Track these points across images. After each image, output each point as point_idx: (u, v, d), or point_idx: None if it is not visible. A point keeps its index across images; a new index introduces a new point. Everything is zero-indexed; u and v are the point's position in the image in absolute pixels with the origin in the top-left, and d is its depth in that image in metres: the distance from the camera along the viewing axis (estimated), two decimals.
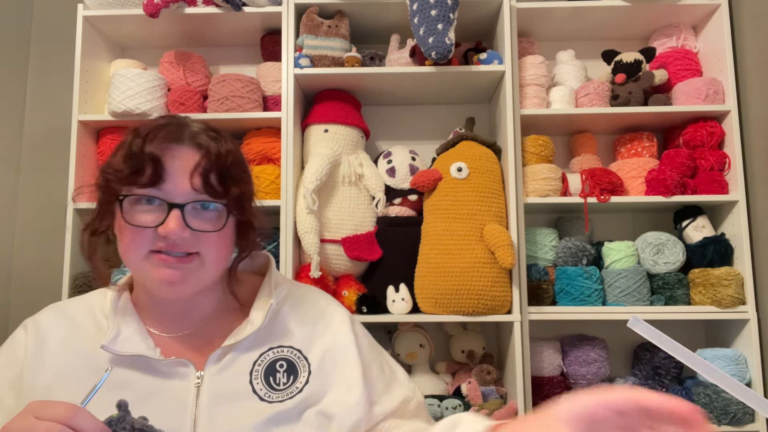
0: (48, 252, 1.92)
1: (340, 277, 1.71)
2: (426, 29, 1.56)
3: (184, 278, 0.71)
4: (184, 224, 0.70)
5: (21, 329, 0.79)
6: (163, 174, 0.69)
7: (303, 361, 0.77)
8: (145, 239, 0.70)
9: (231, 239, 0.77)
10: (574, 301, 1.64)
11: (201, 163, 0.71)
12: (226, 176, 0.73)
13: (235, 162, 0.75)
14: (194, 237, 0.71)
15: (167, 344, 0.77)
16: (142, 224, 0.70)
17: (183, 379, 0.73)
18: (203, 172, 0.71)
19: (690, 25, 1.87)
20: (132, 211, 0.71)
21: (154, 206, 0.70)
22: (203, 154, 0.72)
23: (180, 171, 0.70)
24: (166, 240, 0.70)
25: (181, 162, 0.71)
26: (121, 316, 0.77)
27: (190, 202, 0.70)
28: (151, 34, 1.90)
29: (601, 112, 1.73)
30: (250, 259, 0.86)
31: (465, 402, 1.60)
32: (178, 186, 0.70)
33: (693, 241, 1.71)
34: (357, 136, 1.78)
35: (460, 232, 1.57)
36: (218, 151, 0.72)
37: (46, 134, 2.00)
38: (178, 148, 0.72)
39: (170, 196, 0.70)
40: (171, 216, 0.69)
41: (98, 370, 0.72)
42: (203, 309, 0.80)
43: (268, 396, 0.73)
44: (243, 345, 0.76)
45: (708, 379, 0.55)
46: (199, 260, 0.72)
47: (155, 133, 0.71)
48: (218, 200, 0.72)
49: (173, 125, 0.73)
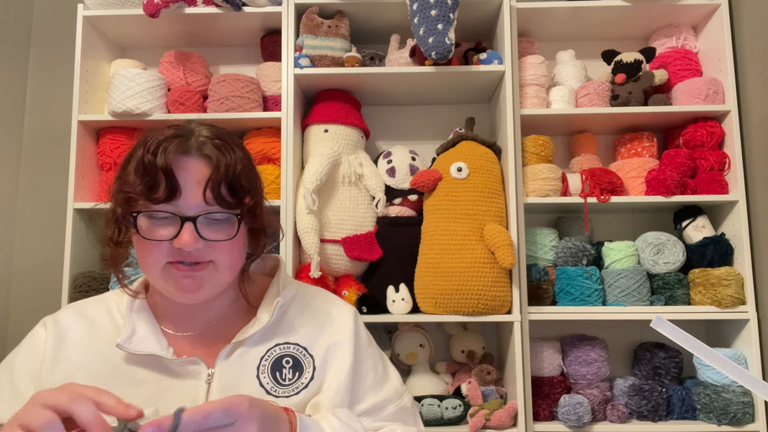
0: (48, 252, 1.92)
1: (340, 277, 1.71)
2: (426, 29, 1.56)
3: (200, 285, 0.74)
4: (198, 236, 0.72)
5: (41, 326, 0.81)
6: (177, 188, 0.71)
7: (308, 358, 0.80)
8: (162, 252, 0.73)
9: (243, 243, 0.79)
10: (574, 301, 1.64)
11: (211, 176, 0.72)
12: (236, 187, 0.74)
13: (244, 170, 0.76)
14: (208, 246, 0.73)
15: (180, 343, 0.80)
16: (157, 238, 0.72)
17: (194, 377, 0.76)
18: (213, 186, 0.72)
19: (690, 25, 1.87)
20: (147, 226, 0.73)
21: (167, 220, 0.72)
22: (213, 167, 0.73)
23: (191, 184, 0.72)
24: (180, 252, 0.72)
25: (191, 175, 0.72)
26: (137, 315, 0.80)
27: (202, 215, 0.72)
28: (151, 34, 1.90)
29: (601, 112, 1.73)
30: (261, 261, 0.90)
31: (465, 402, 1.60)
32: (190, 200, 0.72)
33: (693, 241, 1.71)
34: (357, 136, 1.78)
35: (460, 232, 1.57)
36: (227, 162, 0.74)
37: (46, 134, 2.00)
38: (187, 161, 0.73)
39: (183, 210, 0.72)
40: (184, 229, 0.71)
41: (114, 367, 0.76)
42: (216, 309, 0.83)
43: (274, 390, 0.76)
44: (251, 341, 0.79)
45: (737, 382, 0.55)
46: (213, 267, 0.75)
47: (165, 145, 0.72)
48: (230, 211, 0.74)
49: (181, 136, 0.74)
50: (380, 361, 0.88)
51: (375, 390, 0.83)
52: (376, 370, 0.85)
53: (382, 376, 0.86)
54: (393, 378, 0.87)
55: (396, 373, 0.89)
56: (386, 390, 0.84)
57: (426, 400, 1.57)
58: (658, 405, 1.60)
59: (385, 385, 0.85)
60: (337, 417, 0.74)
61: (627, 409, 1.61)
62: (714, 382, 1.57)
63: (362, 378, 0.82)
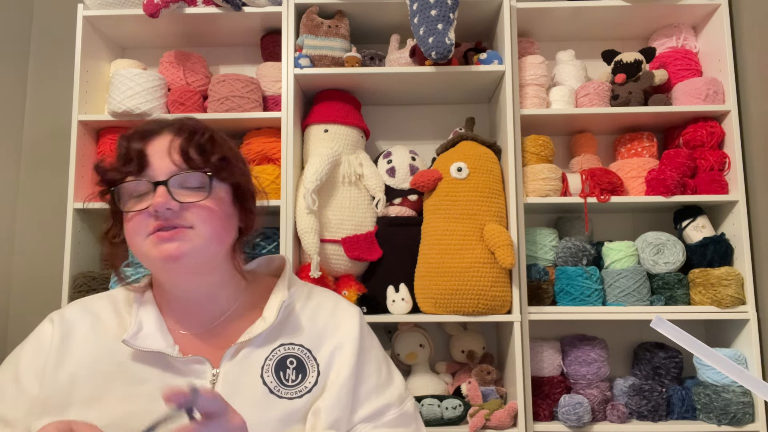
0: (48, 252, 1.92)
1: (340, 277, 1.71)
2: (426, 29, 1.56)
3: (181, 251, 0.74)
4: (170, 197, 0.73)
5: (47, 322, 0.81)
6: (146, 159, 0.75)
7: (312, 362, 0.80)
8: (142, 224, 0.74)
9: (226, 213, 0.79)
10: (574, 301, 1.64)
11: (176, 139, 0.76)
12: (203, 147, 0.77)
13: (213, 135, 0.79)
14: (185, 210, 0.74)
15: (186, 341, 0.80)
16: (135, 209, 0.75)
17: (199, 376, 0.76)
18: (180, 147, 0.76)
19: (690, 25, 1.87)
20: (127, 203, 0.76)
21: (146, 195, 0.75)
22: (178, 132, 0.77)
23: (160, 153, 0.76)
24: (157, 217, 0.73)
25: (160, 146, 0.76)
26: (143, 312, 0.80)
27: (172, 176, 0.74)
28: (151, 34, 1.90)
29: (601, 112, 1.73)
30: (267, 261, 0.91)
31: (465, 402, 1.60)
32: (160, 167, 0.75)
33: (693, 241, 1.71)
34: (357, 136, 1.78)
35: (460, 232, 1.57)
36: (194, 129, 0.78)
37: (46, 134, 2.00)
38: (157, 137, 0.77)
39: (154, 176, 0.75)
40: (157, 192, 0.73)
41: (118, 365, 0.76)
42: (221, 305, 0.83)
43: (277, 390, 0.76)
44: (256, 341, 0.79)
45: (737, 382, 0.54)
46: (193, 233, 0.75)
47: (139, 129, 0.78)
48: (200, 170, 0.76)
49: (154, 121, 0.80)
50: (384, 364, 0.86)
51: (377, 394, 0.82)
52: (378, 374, 0.84)
53: (384, 380, 0.84)
54: (396, 382, 0.86)
55: (400, 378, 0.88)
56: (388, 394, 0.83)
57: (426, 400, 1.57)
58: (658, 405, 1.60)
59: (387, 389, 0.83)
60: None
61: (627, 409, 1.61)
62: (714, 382, 1.57)
63: (364, 382, 0.81)
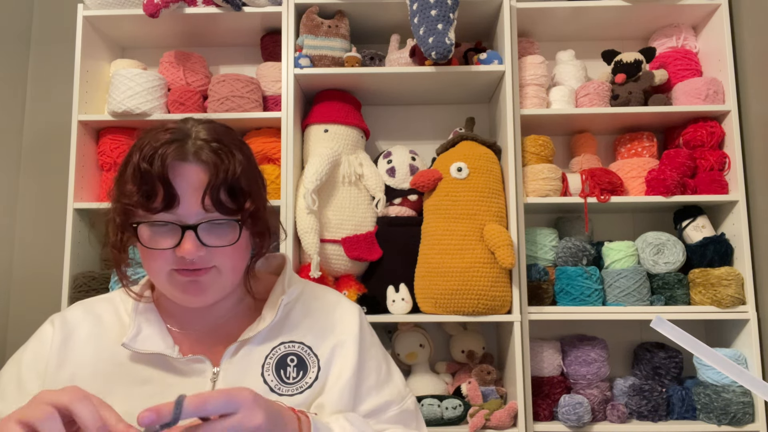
0: (48, 252, 1.92)
1: (340, 277, 1.71)
2: (426, 29, 1.56)
3: (204, 290, 0.74)
4: (200, 244, 0.71)
5: (48, 324, 0.81)
6: (175, 197, 0.69)
7: (313, 358, 0.80)
8: (165, 260, 0.72)
9: (246, 246, 0.79)
10: (574, 301, 1.64)
11: (210, 182, 0.70)
12: (236, 192, 0.72)
13: (244, 173, 0.73)
14: (210, 252, 0.72)
15: (186, 341, 0.80)
16: (159, 248, 0.72)
17: (200, 375, 0.76)
18: (212, 192, 0.70)
19: (690, 25, 1.87)
20: (149, 236, 0.72)
21: (168, 228, 0.71)
22: (211, 173, 0.71)
23: (189, 191, 0.70)
24: (183, 260, 0.71)
25: (188, 182, 0.70)
26: (143, 314, 0.80)
27: (202, 222, 0.71)
28: (151, 34, 1.90)
29: (601, 112, 1.73)
30: (267, 259, 0.90)
31: (465, 402, 1.60)
32: (189, 207, 0.70)
33: (693, 241, 1.71)
34: (357, 136, 1.78)
35: (460, 232, 1.57)
36: (226, 167, 0.72)
37: (46, 134, 2.00)
38: (184, 167, 0.71)
39: (183, 218, 0.71)
40: (186, 238, 0.70)
41: (119, 366, 0.76)
42: (222, 308, 0.83)
43: (278, 388, 0.76)
44: (256, 339, 0.79)
45: (737, 382, 0.54)
46: (216, 271, 0.74)
47: (161, 152, 0.70)
48: (231, 217, 0.73)
49: (177, 141, 0.71)
50: (384, 361, 0.87)
51: (377, 391, 0.82)
52: (379, 371, 0.84)
53: (385, 377, 0.85)
54: (396, 380, 0.87)
55: (400, 375, 0.88)
56: (389, 392, 0.83)
57: (426, 400, 1.57)
58: (658, 405, 1.60)
59: (387, 386, 0.84)
60: (348, 421, 0.73)
61: (627, 409, 1.61)
62: (714, 382, 1.57)
63: (365, 379, 0.82)
